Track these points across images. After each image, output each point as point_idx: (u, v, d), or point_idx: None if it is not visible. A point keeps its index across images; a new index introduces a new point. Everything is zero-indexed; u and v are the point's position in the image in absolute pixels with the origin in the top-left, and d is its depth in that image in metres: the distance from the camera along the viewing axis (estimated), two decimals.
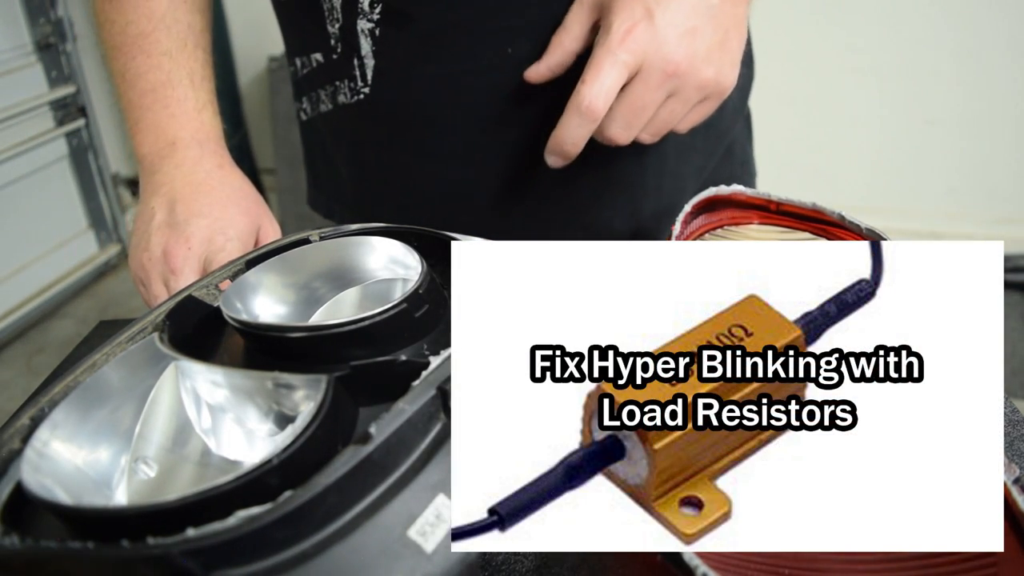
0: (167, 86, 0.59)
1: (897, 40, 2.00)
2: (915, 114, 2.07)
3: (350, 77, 0.63)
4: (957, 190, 2.13)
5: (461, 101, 0.61)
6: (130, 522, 0.28)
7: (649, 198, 0.67)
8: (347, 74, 0.63)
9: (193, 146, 0.59)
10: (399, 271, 0.43)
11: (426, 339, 0.38)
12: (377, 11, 0.59)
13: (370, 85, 0.62)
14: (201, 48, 0.62)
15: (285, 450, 0.29)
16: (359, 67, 0.62)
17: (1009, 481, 0.34)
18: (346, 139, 0.68)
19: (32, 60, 2.11)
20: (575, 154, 0.52)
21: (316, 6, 0.61)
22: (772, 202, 0.52)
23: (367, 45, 0.60)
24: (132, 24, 0.59)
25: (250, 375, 0.36)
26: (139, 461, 0.35)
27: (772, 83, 1.95)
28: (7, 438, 0.34)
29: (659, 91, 0.49)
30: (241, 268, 0.45)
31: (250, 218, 0.57)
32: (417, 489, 0.31)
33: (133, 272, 0.57)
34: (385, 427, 0.30)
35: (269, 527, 0.27)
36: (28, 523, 0.32)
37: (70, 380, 0.37)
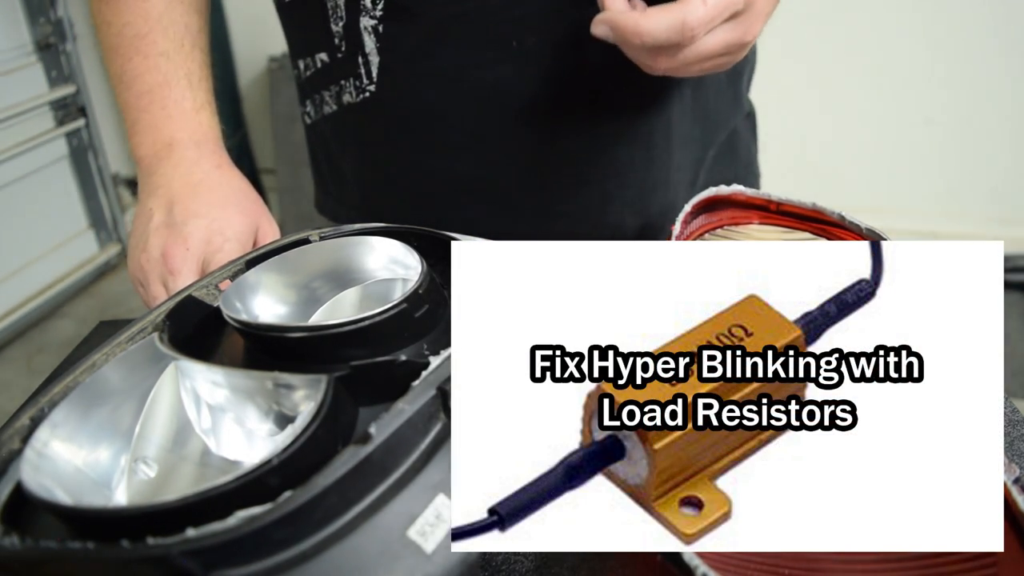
0: (164, 87, 0.59)
1: (897, 40, 2.00)
2: (915, 114, 2.07)
3: (355, 75, 0.63)
4: (957, 190, 2.13)
5: (467, 96, 0.61)
6: (130, 522, 0.28)
7: (658, 192, 0.67)
8: (352, 72, 0.63)
9: (191, 147, 0.59)
10: (399, 271, 0.43)
11: (426, 339, 0.38)
12: (380, 7, 0.59)
13: (375, 82, 0.62)
14: (198, 49, 0.62)
15: (285, 450, 0.29)
16: (364, 65, 0.62)
17: (1009, 481, 0.34)
18: (352, 140, 0.68)
19: (32, 60, 2.11)
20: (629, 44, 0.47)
21: (320, 5, 0.61)
22: (772, 202, 0.52)
23: (371, 42, 0.60)
24: (129, 26, 0.60)
25: (250, 375, 0.36)
26: (139, 461, 0.35)
27: (772, 83, 1.95)
28: (7, 438, 0.34)
29: (725, 49, 0.47)
30: (241, 268, 0.45)
31: (248, 218, 0.57)
32: (417, 489, 0.31)
33: (131, 273, 0.57)
34: (385, 427, 0.30)
35: (269, 527, 0.27)
36: (28, 523, 0.32)
37: (70, 380, 0.37)
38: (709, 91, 0.67)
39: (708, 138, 0.70)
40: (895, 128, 2.10)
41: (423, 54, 0.60)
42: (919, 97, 2.05)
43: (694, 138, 0.68)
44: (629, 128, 0.63)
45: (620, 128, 0.63)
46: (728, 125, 0.72)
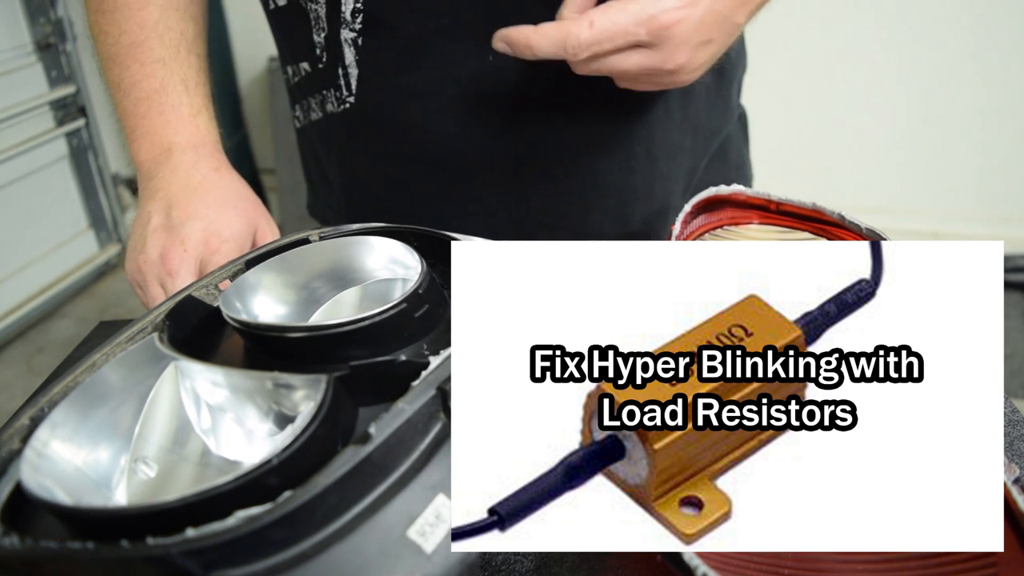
0: (161, 93, 0.59)
1: (897, 40, 2.00)
2: (916, 114, 2.07)
3: (335, 86, 0.63)
4: (957, 190, 2.13)
5: (444, 110, 0.62)
6: (130, 522, 0.28)
7: (640, 203, 0.67)
8: (333, 83, 0.63)
9: (188, 151, 0.59)
10: (399, 271, 0.43)
11: (426, 339, 0.38)
12: (359, 20, 0.59)
13: (354, 94, 0.63)
14: (195, 54, 0.62)
15: (285, 450, 0.29)
16: (343, 76, 0.62)
17: (1009, 481, 0.34)
18: (335, 147, 0.69)
19: (32, 60, 2.11)
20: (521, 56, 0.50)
21: (303, 15, 0.62)
22: (772, 202, 0.52)
23: (350, 54, 0.61)
24: (125, 34, 0.60)
25: (250, 375, 0.36)
26: (139, 461, 0.35)
27: (772, 83, 1.96)
28: (7, 438, 0.34)
29: (640, 72, 0.49)
30: (240, 268, 0.45)
31: (246, 220, 0.58)
32: (417, 489, 0.31)
33: (130, 275, 0.57)
34: (385, 427, 0.30)
35: (269, 527, 0.27)
36: (28, 523, 0.32)
37: (70, 380, 0.37)
38: (698, 102, 0.68)
39: (700, 148, 0.70)
40: (895, 128, 2.10)
41: (401, 67, 0.60)
42: (919, 97, 2.05)
43: (685, 148, 0.68)
44: (607, 138, 0.64)
45: (597, 138, 0.64)
46: (720, 134, 0.72)
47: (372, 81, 0.62)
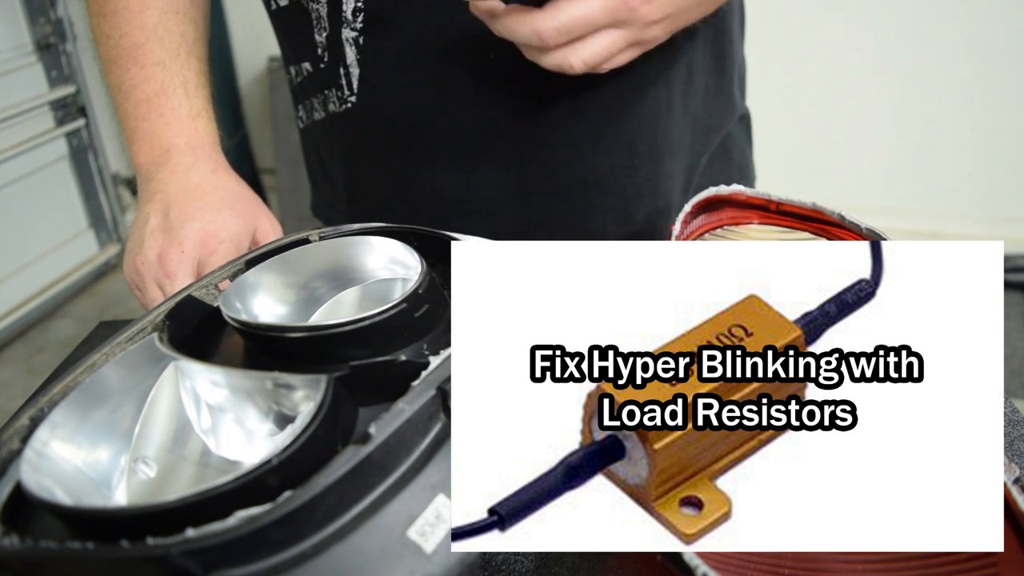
0: (161, 95, 0.60)
1: (898, 40, 2.00)
2: (916, 114, 2.07)
3: (337, 86, 0.64)
4: (957, 190, 2.13)
5: (445, 108, 0.62)
6: (130, 522, 0.28)
7: (643, 201, 0.67)
8: (334, 83, 0.64)
9: (187, 152, 0.59)
10: (399, 271, 0.43)
11: (426, 339, 0.38)
12: (360, 20, 0.59)
13: (356, 94, 0.63)
14: (195, 57, 0.62)
15: (285, 450, 0.29)
16: (345, 76, 0.62)
17: (1009, 481, 0.34)
18: (338, 147, 0.69)
19: (32, 60, 2.11)
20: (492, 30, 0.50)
21: (305, 15, 0.62)
22: (772, 202, 0.52)
23: (352, 54, 0.61)
24: (125, 37, 0.60)
25: (250, 375, 0.36)
26: (139, 461, 0.35)
27: (773, 83, 1.96)
28: (7, 438, 0.34)
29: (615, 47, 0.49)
30: (240, 268, 0.45)
31: (244, 220, 0.58)
32: (417, 489, 0.31)
33: (128, 276, 0.57)
34: (385, 427, 0.30)
35: (269, 527, 0.27)
36: (28, 523, 0.32)
37: (70, 380, 0.37)
38: (697, 96, 0.68)
39: (700, 144, 0.70)
40: (895, 128, 2.10)
41: (402, 67, 0.61)
42: (919, 97, 2.05)
43: (684, 145, 0.69)
44: (609, 136, 0.64)
45: (600, 136, 0.64)
46: (721, 130, 0.72)
47: (374, 80, 0.62)
